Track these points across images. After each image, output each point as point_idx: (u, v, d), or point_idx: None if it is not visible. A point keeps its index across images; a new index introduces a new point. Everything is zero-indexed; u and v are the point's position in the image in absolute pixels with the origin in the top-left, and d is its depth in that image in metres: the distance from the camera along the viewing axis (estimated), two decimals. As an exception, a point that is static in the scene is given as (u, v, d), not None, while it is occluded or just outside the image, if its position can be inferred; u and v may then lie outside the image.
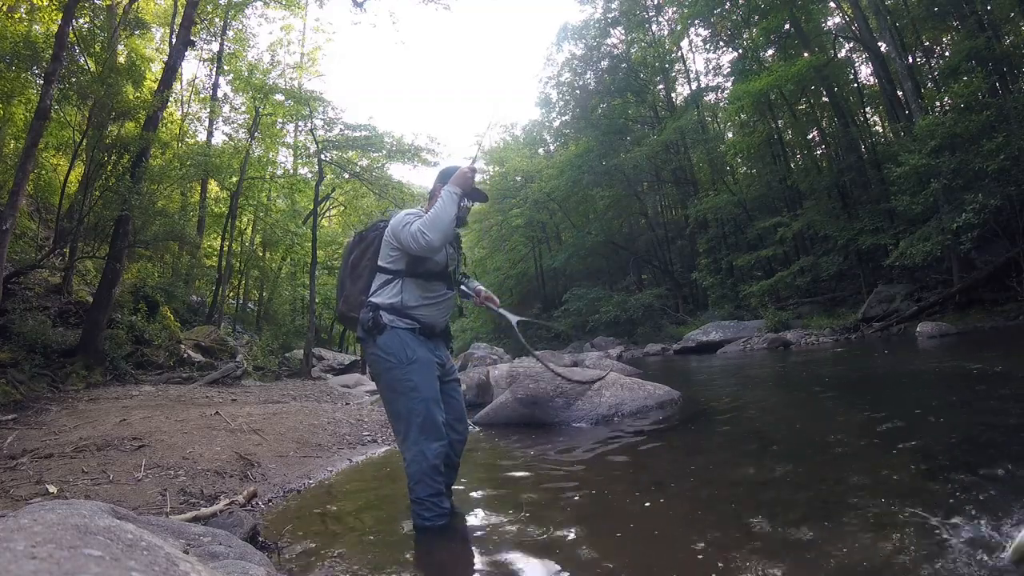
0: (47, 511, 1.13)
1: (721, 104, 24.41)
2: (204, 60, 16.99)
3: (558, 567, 1.72)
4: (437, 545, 2.02)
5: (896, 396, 4.22)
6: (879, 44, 15.23)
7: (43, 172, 10.60)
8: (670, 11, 24.85)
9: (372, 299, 2.20)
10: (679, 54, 25.85)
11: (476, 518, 2.27)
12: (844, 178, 16.87)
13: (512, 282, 33.86)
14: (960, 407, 3.46)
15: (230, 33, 16.67)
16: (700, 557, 1.67)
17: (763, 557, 1.61)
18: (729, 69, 21.87)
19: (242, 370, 9.94)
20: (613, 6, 27.05)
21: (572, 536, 1.96)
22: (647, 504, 2.22)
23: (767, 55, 19.49)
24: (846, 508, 1.91)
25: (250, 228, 18.62)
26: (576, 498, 2.42)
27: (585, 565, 1.71)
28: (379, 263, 2.24)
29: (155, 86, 9.65)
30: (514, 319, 2.64)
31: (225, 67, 16.18)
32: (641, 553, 1.76)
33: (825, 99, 18.54)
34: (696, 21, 21.34)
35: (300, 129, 18.32)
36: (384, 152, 14.87)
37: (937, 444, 2.60)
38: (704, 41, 23.63)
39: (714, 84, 24.51)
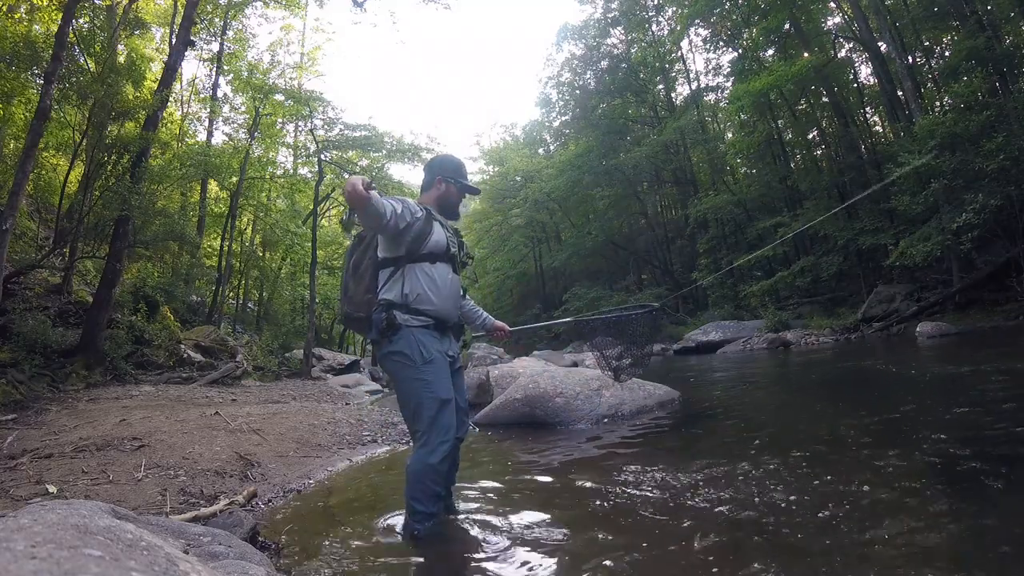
0: (47, 511, 1.13)
1: (721, 104, 24.42)
2: (204, 60, 17.01)
3: (558, 568, 1.72)
4: (435, 545, 2.01)
5: (894, 396, 4.22)
6: (879, 44, 15.22)
7: (43, 172, 10.59)
8: (670, 11, 24.87)
9: (383, 296, 2.17)
10: (679, 54, 25.87)
11: (475, 519, 2.27)
12: (844, 178, 16.87)
13: (512, 282, 33.85)
14: (958, 407, 3.45)
15: (230, 33, 16.68)
16: (704, 560, 1.67)
17: (765, 559, 1.62)
18: (729, 69, 21.88)
19: (242, 370, 9.94)
20: (613, 6, 27.07)
21: (572, 537, 1.96)
22: (648, 505, 2.22)
23: (767, 55, 19.49)
24: (842, 506, 1.91)
25: (250, 228, 18.62)
26: (575, 499, 2.42)
27: (586, 567, 1.71)
28: (380, 255, 2.20)
29: (155, 86, 9.65)
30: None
31: (225, 67, 16.18)
32: (644, 557, 1.76)
33: (825, 99, 18.54)
34: (696, 21, 21.35)
35: (300, 129, 18.33)
36: (384, 152, 14.88)
37: (936, 444, 2.61)
38: (704, 41, 23.66)
39: (714, 84, 24.56)
